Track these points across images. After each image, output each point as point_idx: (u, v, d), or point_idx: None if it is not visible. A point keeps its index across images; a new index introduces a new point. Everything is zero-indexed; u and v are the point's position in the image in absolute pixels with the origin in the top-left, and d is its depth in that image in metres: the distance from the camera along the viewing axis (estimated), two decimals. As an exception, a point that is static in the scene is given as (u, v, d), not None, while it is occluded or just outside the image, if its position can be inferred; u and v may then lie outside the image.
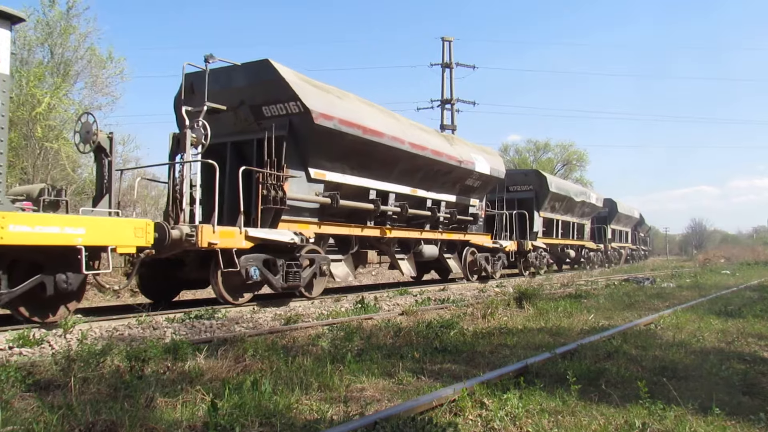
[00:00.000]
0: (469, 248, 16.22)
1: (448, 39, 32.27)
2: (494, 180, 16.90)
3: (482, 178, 16.15)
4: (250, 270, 8.82)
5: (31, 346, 5.66)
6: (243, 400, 3.68)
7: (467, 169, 15.08)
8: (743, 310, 8.61)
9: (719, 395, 4.00)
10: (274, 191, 9.43)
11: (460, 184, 15.42)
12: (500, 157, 18.13)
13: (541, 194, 21.48)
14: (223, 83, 10.13)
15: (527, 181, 21.70)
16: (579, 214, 26.22)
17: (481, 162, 15.84)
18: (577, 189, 25.94)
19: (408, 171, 13.07)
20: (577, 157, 53.91)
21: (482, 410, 3.62)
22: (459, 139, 16.39)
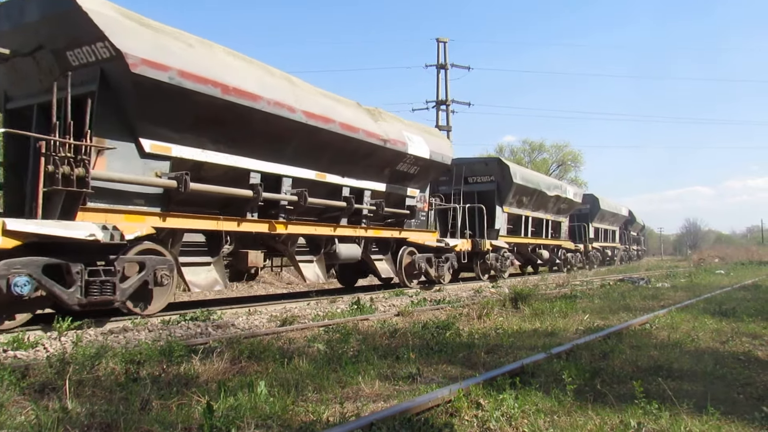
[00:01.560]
0: (407, 248, 13.62)
1: (443, 40, 32.29)
2: (437, 166, 14.29)
3: (420, 162, 13.40)
4: (13, 281, 6.13)
5: (26, 349, 5.64)
6: (239, 402, 3.67)
7: (396, 150, 12.33)
8: (737, 310, 8.64)
9: (714, 395, 4.01)
10: (69, 167, 6.82)
11: (391, 170, 12.79)
12: (447, 140, 15.58)
13: (504, 186, 18.65)
14: (15, 20, 7.49)
15: (488, 171, 18.75)
16: (554, 210, 23.54)
17: (417, 143, 13.15)
18: (549, 182, 22.97)
19: (309, 150, 10.34)
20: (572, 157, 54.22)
21: (478, 410, 3.62)
22: (390, 115, 13.13)
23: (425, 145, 13.48)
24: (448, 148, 15.11)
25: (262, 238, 10.19)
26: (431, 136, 14.44)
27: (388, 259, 13.36)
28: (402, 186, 13.49)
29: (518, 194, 19.51)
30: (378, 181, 12.67)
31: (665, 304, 9.95)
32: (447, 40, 32.37)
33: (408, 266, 13.61)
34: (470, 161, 19.17)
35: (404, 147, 12.64)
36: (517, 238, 20.20)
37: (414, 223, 14.09)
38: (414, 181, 13.83)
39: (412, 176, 13.56)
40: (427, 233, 14.50)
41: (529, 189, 20.16)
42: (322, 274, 11.23)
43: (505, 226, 19.10)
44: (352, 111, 11.43)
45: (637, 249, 48.02)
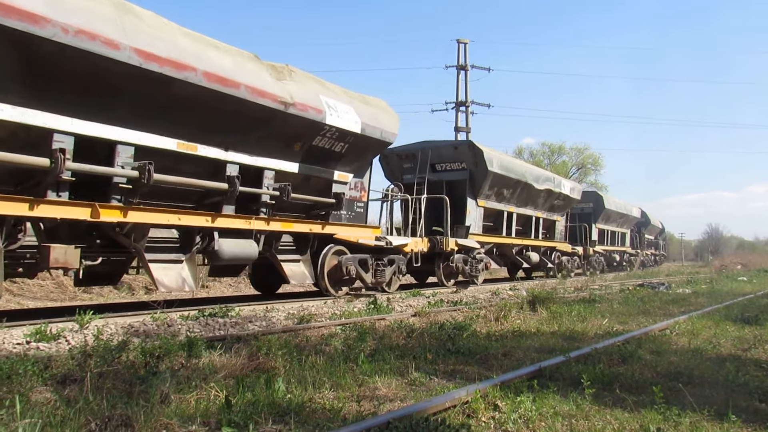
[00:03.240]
0: (333, 247, 11.02)
1: (463, 41, 32.23)
2: (374, 144, 11.51)
3: (347, 138, 10.68)
4: None
5: (48, 341, 5.73)
6: (256, 397, 3.71)
7: (306, 119, 9.56)
8: (760, 317, 8.50)
9: (735, 402, 3.95)
10: None
11: (304, 145, 10.06)
12: (391, 113, 12.03)
13: (477, 175, 15.65)
14: None
15: (458, 157, 15.79)
16: (546, 207, 20.44)
17: (342, 112, 10.36)
18: (538, 173, 19.45)
19: (160, 108, 7.71)
20: (593, 160, 53.62)
21: (495, 412, 3.61)
22: (305, 75, 10.25)
23: (355, 116, 10.66)
24: (392, 122, 11.94)
25: (80, 228, 7.57)
26: (367, 105, 11.38)
27: (306, 260, 10.73)
28: (326, 168, 10.83)
29: (496, 185, 16.58)
30: (286, 160, 9.95)
31: (686, 310, 9.82)
32: (468, 41, 32.35)
33: (333, 270, 10.94)
34: (437, 144, 16.14)
35: (320, 115, 9.82)
36: (498, 238, 17.38)
37: (345, 216, 11.47)
38: (343, 163, 11.14)
39: (338, 156, 10.86)
40: (363, 229, 11.73)
41: (511, 180, 17.11)
42: (190, 277, 8.49)
43: (479, 223, 16.26)
44: (232, 60, 8.49)
45: (655, 254, 44.76)
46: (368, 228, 12.03)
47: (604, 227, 28.83)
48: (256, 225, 9.39)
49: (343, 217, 11.48)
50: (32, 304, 11.55)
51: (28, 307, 11.10)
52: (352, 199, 11.73)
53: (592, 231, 26.93)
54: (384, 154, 15.65)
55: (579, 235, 25.49)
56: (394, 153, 15.96)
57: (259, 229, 9.53)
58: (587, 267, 25.74)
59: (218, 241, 8.87)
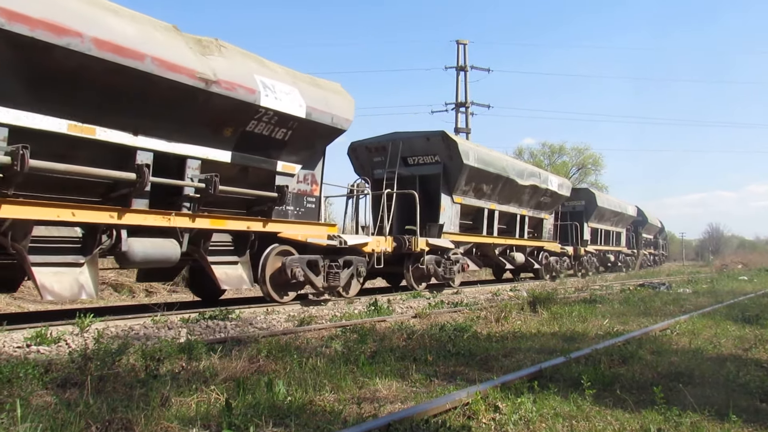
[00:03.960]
0: (277, 247, 9.71)
1: (463, 42, 32.27)
2: (324, 131, 10.20)
3: (290, 123, 9.34)
4: None
5: (48, 344, 5.74)
6: (257, 400, 3.71)
7: (236, 99, 8.31)
8: (761, 317, 8.50)
9: (736, 402, 3.95)
10: None
11: (237, 131, 8.79)
12: (345, 96, 10.81)
13: (452, 169, 14.44)
14: None
15: (431, 149, 14.50)
16: (532, 204, 19.22)
17: (281, 94, 9.08)
18: (521, 167, 18.07)
19: (40, 81, 6.50)
20: (593, 161, 53.57)
21: (496, 414, 3.61)
22: (237, 50, 8.92)
23: (299, 99, 9.38)
24: (345, 106, 10.59)
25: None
26: (315, 88, 10.08)
27: (245, 262, 9.46)
28: (266, 158, 9.52)
29: (474, 180, 15.31)
30: (215, 147, 8.67)
31: (686, 310, 9.82)
32: (467, 42, 32.40)
33: (277, 273, 9.63)
34: (409, 136, 14.79)
35: (252, 96, 8.55)
36: (477, 237, 16.17)
37: (292, 212, 10.19)
38: (288, 152, 9.81)
39: (281, 144, 9.53)
40: (314, 227, 10.43)
41: (491, 174, 15.83)
42: (90, 283, 7.19)
43: (455, 221, 15.01)
44: (137, 29, 7.21)
45: (654, 253, 43.65)
46: (321, 226, 10.62)
47: (597, 226, 27.68)
48: (177, 222, 8.08)
49: (290, 214, 10.13)
50: (33, 307, 11.55)
51: (29, 310, 11.10)
52: (301, 194, 10.40)
53: (584, 230, 25.75)
54: (353, 146, 15.08)
55: (570, 234, 24.24)
56: (364, 146, 15.02)
57: (182, 226, 8.23)
58: (579, 268, 24.46)
59: (127, 241, 7.56)
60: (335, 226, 11.09)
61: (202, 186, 8.39)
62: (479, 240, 16.25)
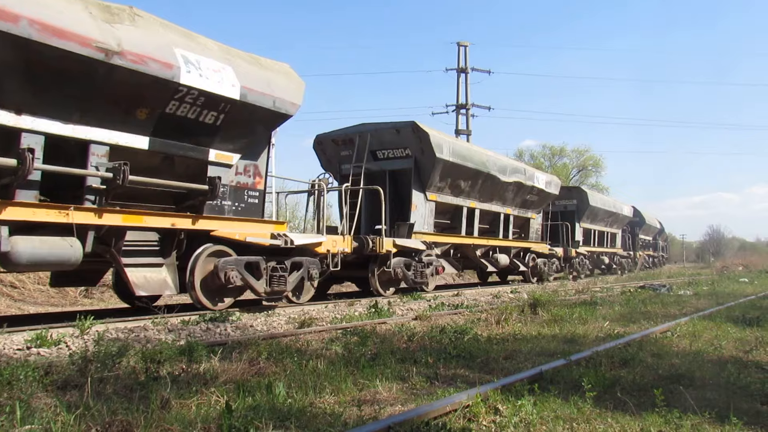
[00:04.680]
0: (210, 247, 8.62)
1: (463, 44, 32.33)
2: (264, 115, 8.99)
3: (222, 105, 8.24)
4: None
5: (49, 347, 5.73)
6: (257, 402, 3.71)
7: (148, 75, 7.22)
8: (762, 319, 8.49)
9: (737, 404, 3.95)
10: None
11: (155, 113, 7.67)
12: (295, 80, 9.63)
13: (425, 163, 13.35)
14: None
15: (401, 142, 13.39)
16: (517, 202, 18.17)
17: (210, 72, 8.00)
18: (503, 163, 16.87)
19: None
20: (593, 162, 53.58)
21: (496, 416, 3.60)
22: (156, 21, 7.86)
23: (231, 78, 8.27)
24: (292, 89, 9.39)
25: None
26: (256, 67, 8.97)
27: (170, 264, 8.33)
28: (195, 145, 8.37)
29: (450, 176, 14.20)
30: (127, 131, 7.55)
31: (687, 312, 9.81)
32: (468, 44, 32.48)
33: (210, 277, 8.53)
34: (377, 127, 13.62)
35: (169, 72, 7.45)
36: (455, 237, 15.12)
37: (230, 208, 9.03)
38: (223, 139, 8.65)
39: (213, 129, 8.41)
40: (256, 224, 9.28)
41: (469, 170, 14.73)
42: None
43: (429, 220, 13.88)
44: None
45: (653, 255, 42.46)
46: (264, 223, 9.45)
47: (590, 227, 26.54)
48: (78, 218, 6.97)
49: (227, 209, 8.97)
50: (33, 309, 11.55)
51: (29, 312, 11.11)
52: (241, 187, 9.21)
53: (576, 230, 24.59)
54: (318, 139, 14.16)
55: (561, 235, 23.12)
56: (330, 138, 14.04)
57: (85, 223, 7.11)
58: (569, 270, 23.05)
59: (10, 240, 6.43)
60: (284, 224, 9.87)
61: (109, 176, 7.19)
62: (458, 240, 15.23)
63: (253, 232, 9.09)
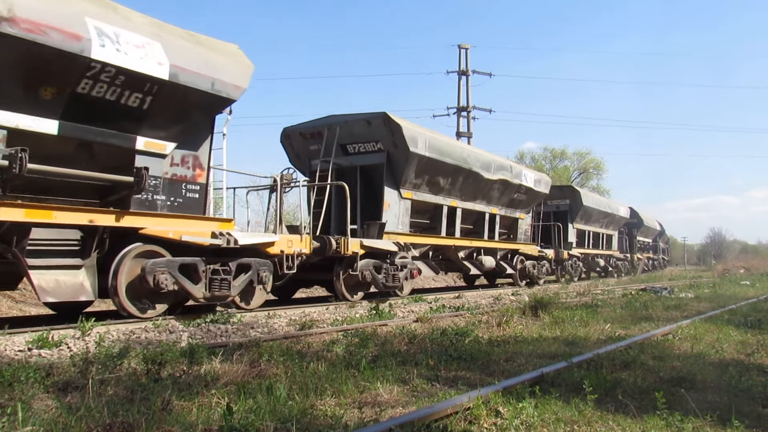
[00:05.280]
0: (138, 247, 7.70)
1: (464, 46, 32.36)
2: (204, 99, 8.04)
3: (148, 86, 7.29)
4: None
5: (50, 348, 5.74)
6: (258, 404, 3.71)
7: (49, 48, 6.29)
8: (763, 322, 8.48)
9: (738, 407, 3.94)
10: None
11: (64, 93, 6.77)
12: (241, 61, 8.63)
13: (398, 158, 12.43)
14: None
15: (372, 135, 12.49)
16: (504, 201, 17.31)
17: (130, 46, 7.01)
18: (487, 159, 15.79)
19: None
20: (595, 165, 53.60)
21: (497, 418, 3.59)
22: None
23: (159, 55, 7.32)
24: (235, 71, 8.41)
25: None
26: (190, 44, 7.94)
27: (90, 266, 7.37)
28: (118, 132, 7.39)
29: (427, 172, 13.31)
30: (30, 113, 6.63)
31: (688, 315, 9.79)
32: (469, 46, 32.51)
33: (137, 281, 7.61)
34: (347, 119, 12.63)
35: (78, 45, 6.51)
36: (434, 238, 14.24)
37: (163, 203, 8.06)
38: (153, 125, 7.68)
39: (140, 113, 7.43)
40: (194, 222, 8.30)
41: (448, 166, 13.77)
42: None
43: (404, 219, 13.00)
44: None
45: (652, 258, 41.49)
46: (207, 221, 8.49)
47: (584, 228, 25.49)
48: None
49: (160, 205, 8.00)
50: (35, 311, 11.56)
51: (30, 313, 11.11)
52: (178, 180, 8.22)
53: (569, 231, 23.55)
54: (285, 133, 13.27)
55: (553, 236, 22.10)
56: (297, 131, 13.13)
57: None
58: (561, 273, 22.32)
59: None
60: (231, 221, 8.92)
61: (5, 164, 6.25)
62: (437, 241, 14.31)
63: (191, 231, 8.13)
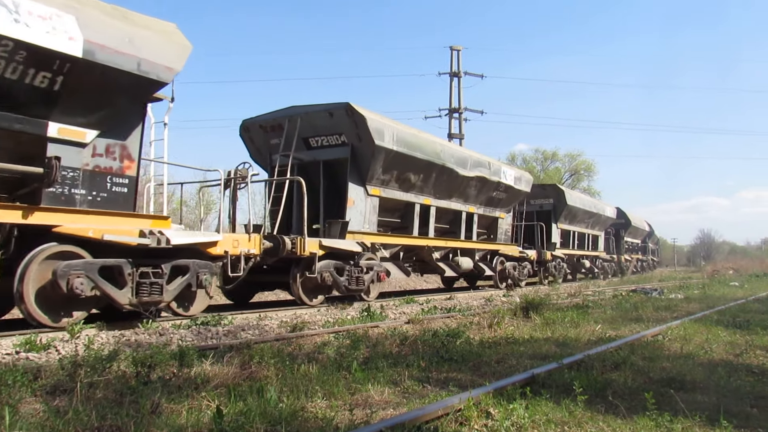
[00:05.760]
0: (49, 248, 6.85)
1: (456, 48, 32.43)
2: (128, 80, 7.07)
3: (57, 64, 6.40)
4: None
5: (38, 351, 5.69)
6: (248, 407, 3.68)
7: None
8: (752, 322, 8.54)
9: (727, 408, 3.96)
10: None
11: None
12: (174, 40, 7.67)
13: (363, 152, 11.64)
14: None
15: (335, 127, 11.65)
16: (482, 200, 16.50)
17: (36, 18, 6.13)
18: (463, 155, 15.12)
19: None
20: (585, 166, 53.89)
21: (488, 420, 3.60)
22: None
23: (71, 28, 6.44)
24: (167, 51, 7.46)
25: None
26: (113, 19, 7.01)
27: None
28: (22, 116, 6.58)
29: (396, 168, 12.46)
30: None
31: (678, 316, 9.85)
32: (461, 48, 32.59)
33: (49, 287, 6.76)
34: (308, 110, 11.76)
35: None
36: (406, 238, 13.36)
37: (82, 198, 7.18)
38: (69, 109, 6.82)
39: (51, 95, 6.58)
40: (120, 219, 7.44)
41: (419, 161, 12.94)
42: None
43: (371, 218, 12.14)
44: None
45: (641, 259, 41.11)
46: (137, 218, 7.65)
47: (568, 228, 24.64)
48: None
49: (79, 200, 7.14)
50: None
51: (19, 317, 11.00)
52: (102, 172, 7.35)
53: (553, 232, 22.66)
54: (245, 126, 12.43)
55: (537, 236, 21.43)
56: (257, 124, 12.26)
57: None
58: (545, 274, 21.53)
59: None
60: (167, 219, 7.95)
61: None
62: (409, 242, 13.42)
63: (116, 229, 7.26)
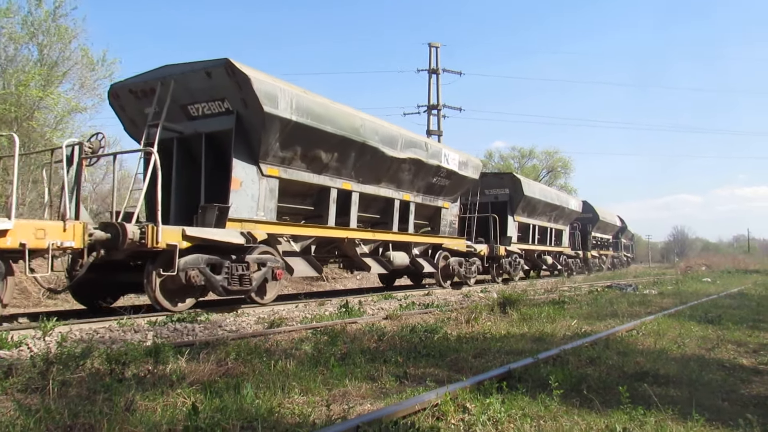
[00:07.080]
0: None
1: (435, 45, 32.50)
2: None
3: None
4: None
5: (9, 349, 5.58)
6: (224, 403, 3.65)
7: None
8: (723, 318, 8.71)
9: (699, 401, 4.04)
10: None
11: None
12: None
13: (254, 124, 9.46)
14: None
15: (213, 92, 9.44)
16: (421, 187, 14.41)
17: None
18: (392, 133, 12.74)
19: None
20: (562, 164, 54.43)
21: (465, 414, 3.62)
22: None
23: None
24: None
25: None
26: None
27: None
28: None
29: (299, 143, 10.29)
30: None
31: (652, 311, 10.00)
32: (439, 45, 32.68)
33: None
34: (183, 70, 9.45)
35: None
36: (317, 229, 11.36)
37: None
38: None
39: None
40: None
41: (331, 136, 10.75)
42: None
43: (267, 203, 10.00)
44: None
45: (614, 256, 39.77)
46: None
47: (527, 221, 22.47)
48: None
49: None
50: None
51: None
52: None
53: (508, 225, 20.39)
54: (113, 91, 10.28)
55: (491, 229, 19.10)
56: (126, 88, 10.10)
57: None
58: (498, 271, 19.63)
59: None
60: None
61: None
62: (323, 233, 11.41)
63: None
